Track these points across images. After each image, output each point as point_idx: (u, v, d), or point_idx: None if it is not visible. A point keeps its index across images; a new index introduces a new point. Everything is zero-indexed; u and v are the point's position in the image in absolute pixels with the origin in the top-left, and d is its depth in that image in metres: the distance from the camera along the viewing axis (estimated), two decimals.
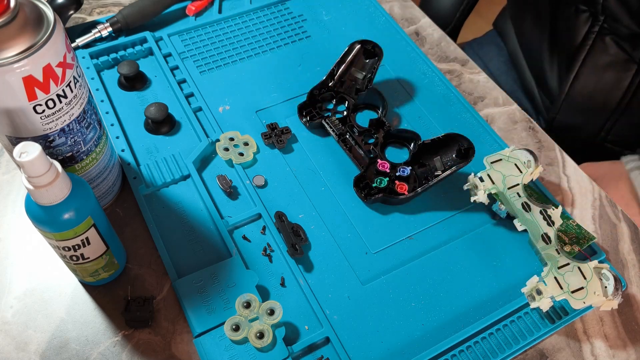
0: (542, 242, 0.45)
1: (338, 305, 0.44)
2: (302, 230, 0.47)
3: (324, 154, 0.54)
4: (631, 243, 0.50)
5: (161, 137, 0.53)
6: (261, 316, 0.41)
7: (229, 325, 0.41)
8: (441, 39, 0.66)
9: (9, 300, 0.44)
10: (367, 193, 0.49)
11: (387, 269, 0.47)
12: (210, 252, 0.46)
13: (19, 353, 0.41)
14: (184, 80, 0.58)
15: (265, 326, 0.41)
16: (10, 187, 0.50)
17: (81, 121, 0.41)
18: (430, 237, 0.49)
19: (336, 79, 0.56)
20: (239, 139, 0.53)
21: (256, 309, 0.41)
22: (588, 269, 0.42)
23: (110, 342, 0.42)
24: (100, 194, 0.47)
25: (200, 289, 0.44)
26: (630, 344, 0.45)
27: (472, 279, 0.46)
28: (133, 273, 0.46)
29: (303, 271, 0.46)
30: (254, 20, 0.65)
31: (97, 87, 0.56)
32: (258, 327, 0.41)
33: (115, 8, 0.65)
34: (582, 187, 0.54)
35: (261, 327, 0.41)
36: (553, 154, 0.56)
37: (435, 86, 0.60)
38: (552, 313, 0.45)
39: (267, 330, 0.41)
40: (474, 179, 0.48)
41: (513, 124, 0.59)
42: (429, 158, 0.51)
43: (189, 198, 0.49)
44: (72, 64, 0.38)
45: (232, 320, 0.41)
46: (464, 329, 0.43)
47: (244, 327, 0.41)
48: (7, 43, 0.34)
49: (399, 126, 0.56)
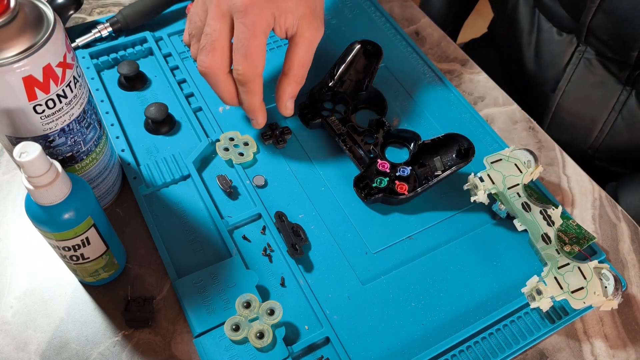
0: (542, 242, 0.45)
1: (338, 305, 0.44)
2: (302, 230, 0.47)
3: (324, 154, 0.54)
4: (631, 243, 0.50)
5: (161, 137, 0.53)
6: (261, 316, 0.41)
7: (229, 325, 0.41)
8: (441, 39, 0.66)
9: (9, 300, 0.44)
10: (367, 193, 0.49)
11: (387, 269, 0.47)
12: (210, 252, 0.46)
13: (19, 353, 0.41)
14: (184, 80, 0.58)
15: (265, 326, 0.41)
16: (10, 187, 0.50)
17: (81, 121, 0.41)
18: (430, 237, 0.49)
19: (336, 79, 0.56)
20: (239, 139, 0.53)
21: (256, 309, 0.42)
22: (588, 269, 0.42)
23: (110, 342, 0.42)
24: (100, 194, 0.47)
25: (200, 289, 0.44)
26: (630, 344, 0.45)
27: (472, 279, 0.46)
28: (133, 273, 0.46)
29: (303, 271, 0.46)
30: None
31: (97, 87, 0.56)
32: (258, 327, 0.41)
33: (115, 8, 0.65)
34: (582, 187, 0.54)
35: (261, 327, 0.41)
36: (553, 154, 0.56)
37: (435, 86, 0.60)
38: (552, 313, 0.45)
39: (267, 330, 0.41)
40: (474, 179, 0.48)
41: (513, 124, 0.59)
42: (429, 158, 0.51)
43: (189, 198, 0.49)
44: (72, 64, 0.38)
45: (232, 321, 0.41)
46: (464, 329, 0.43)
47: (244, 327, 0.41)
48: (7, 43, 0.34)
49: (399, 126, 0.56)
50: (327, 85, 0.56)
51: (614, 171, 0.70)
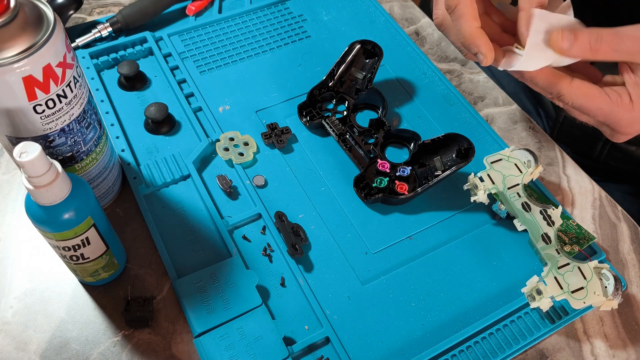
0: (542, 242, 0.45)
1: (338, 305, 0.44)
2: (302, 230, 0.47)
3: (324, 154, 0.54)
4: (631, 243, 0.50)
5: (161, 137, 0.53)
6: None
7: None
8: (441, 39, 0.66)
9: (9, 300, 0.44)
10: (367, 193, 0.49)
11: (387, 269, 0.47)
12: (210, 252, 0.46)
13: (19, 353, 0.41)
14: (184, 80, 0.58)
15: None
16: (10, 187, 0.50)
17: (81, 121, 0.41)
18: (430, 237, 0.49)
19: (336, 79, 0.56)
20: (239, 139, 0.53)
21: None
22: (588, 269, 0.42)
23: (110, 342, 0.42)
24: (100, 194, 0.47)
25: (200, 289, 0.44)
26: (630, 344, 0.45)
27: (472, 279, 0.46)
28: (133, 273, 0.46)
29: (303, 271, 0.46)
30: (253, 20, 0.65)
31: (97, 87, 0.56)
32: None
33: (115, 8, 0.65)
34: (582, 187, 0.54)
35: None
36: (553, 154, 0.56)
37: (435, 86, 0.60)
38: (552, 313, 0.45)
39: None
40: (474, 179, 0.48)
41: (513, 124, 0.59)
42: (429, 158, 0.51)
43: (189, 198, 0.49)
44: (72, 64, 0.38)
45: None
46: (464, 329, 0.43)
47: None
48: (7, 43, 0.34)
49: (399, 126, 0.56)
50: (327, 85, 0.56)
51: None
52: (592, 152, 0.67)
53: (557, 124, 0.72)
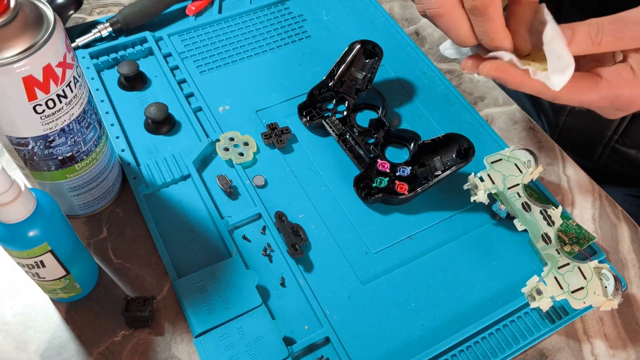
0: (542, 242, 0.45)
1: (338, 305, 0.44)
2: (302, 230, 0.47)
3: (324, 154, 0.54)
4: (631, 243, 0.50)
5: (161, 137, 0.53)
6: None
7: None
8: (441, 39, 0.66)
9: (9, 301, 0.44)
10: (367, 193, 0.49)
11: (387, 269, 0.47)
12: (210, 252, 0.46)
13: (19, 353, 0.41)
14: (184, 80, 0.58)
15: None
16: None
17: (81, 121, 0.41)
18: (430, 237, 0.49)
19: (336, 79, 0.56)
20: (239, 139, 0.53)
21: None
22: (588, 269, 0.42)
23: (110, 342, 0.42)
24: (100, 194, 0.47)
25: (200, 289, 0.44)
26: (630, 344, 0.45)
27: (472, 279, 0.46)
28: (133, 273, 0.46)
29: (303, 271, 0.46)
30: (254, 20, 0.65)
31: (97, 87, 0.56)
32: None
33: (115, 8, 0.65)
34: (582, 187, 0.54)
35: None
36: (553, 154, 0.56)
37: (435, 86, 0.60)
38: (552, 313, 0.45)
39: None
40: (474, 179, 0.48)
41: (513, 124, 0.59)
42: (429, 158, 0.51)
43: (189, 198, 0.49)
44: (72, 64, 0.38)
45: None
46: (464, 329, 0.43)
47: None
48: (7, 43, 0.34)
49: (399, 126, 0.56)
50: (327, 85, 0.56)
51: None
52: (592, 156, 0.67)
53: (557, 128, 0.72)
